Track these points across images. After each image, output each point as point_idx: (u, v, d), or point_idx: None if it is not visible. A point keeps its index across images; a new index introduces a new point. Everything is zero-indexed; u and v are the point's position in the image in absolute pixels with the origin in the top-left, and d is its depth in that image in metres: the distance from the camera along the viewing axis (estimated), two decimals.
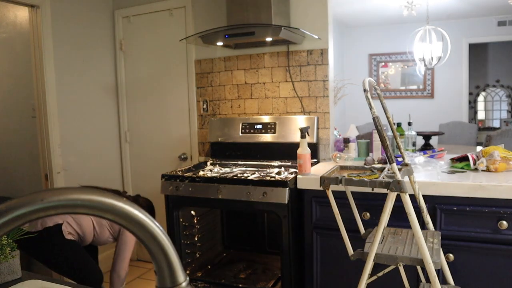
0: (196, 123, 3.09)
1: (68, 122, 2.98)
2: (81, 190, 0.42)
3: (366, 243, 1.57)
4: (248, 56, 2.87)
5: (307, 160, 2.17)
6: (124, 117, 3.40)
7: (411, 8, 4.74)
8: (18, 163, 3.32)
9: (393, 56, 6.48)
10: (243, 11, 2.51)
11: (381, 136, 1.44)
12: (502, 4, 4.97)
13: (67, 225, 2.19)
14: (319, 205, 2.13)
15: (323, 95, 2.66)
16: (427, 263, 1.39)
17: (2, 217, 0.38)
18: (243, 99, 2.92)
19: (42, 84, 2.82)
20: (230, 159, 2.83)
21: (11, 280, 1.22)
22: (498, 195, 1.74)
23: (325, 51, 2.64)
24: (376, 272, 1.66)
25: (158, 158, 3.27)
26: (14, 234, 1.31)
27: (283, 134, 2.67)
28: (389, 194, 1.47)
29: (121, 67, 3.36)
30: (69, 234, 2.18)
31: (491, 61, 7.42)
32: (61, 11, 2.91)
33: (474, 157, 2.07)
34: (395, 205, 1.65)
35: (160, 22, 3.17)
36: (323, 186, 1.59)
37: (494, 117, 7.55)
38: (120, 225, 0.44)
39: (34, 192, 0.40)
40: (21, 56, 3.14)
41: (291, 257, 2.16)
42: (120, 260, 2.34)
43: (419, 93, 6.42)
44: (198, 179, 2.33)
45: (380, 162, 2.30)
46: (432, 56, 4.76)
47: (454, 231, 1.85)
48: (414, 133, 2.58)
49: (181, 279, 0.46)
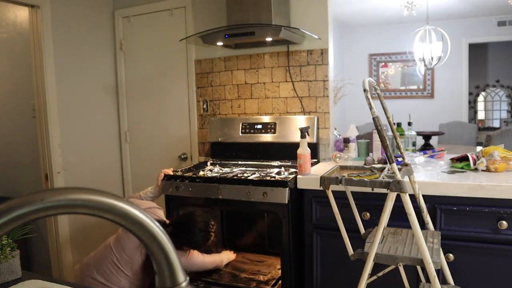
0: (196, 123, 3.09)
1: (68, 122, 2.98)
2: (81, 190, 0.42)
3: (366, 243, 1.57)
4: (248, 56, 2.87)
5: (307, 160, 2.17)
6: (124, 117, 3.40)
7: (411, 8, 4.74)
8: (18, 163, 3.32)
9: (393, 56, 6.48)
10: (243, 11, 2.51)
11: (381, 136, 1.44)
12: (502, 4, 4.97)
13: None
14: (319, 205, 2.13)
15: (323, 95, 2.66)
16: (427, 263, 1.39)
17: (2, 217, 0.38)
18: (243, 99, 2.92)
19: (42, 84, 2.82)
20: (230, 159, 2.83)
21: (11, 280, 1.22)
22: (498, 195, 1.74)
23: (325, 51, 2.64)
24: (376, 272, 1.66)
25: (158, 158, 3.26)
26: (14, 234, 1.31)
27: (283, 134, 2.67)
28: (389, 194, 1.47)
29: (121, 67, 3.36)
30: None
31: (491, 61, 7.42)
32: (61, 11, 2.91)
33: (474, 157, 2.07)
34: (395, 205, 1.65)
35: (160, 22, 3.17)
36: (323, 186, 1.59)
37: (494, 117, 7.55)
38: (120, 225, 0.44)
39: (34, 192, 0.40)
40: (21, 56, 3.14)
41: (291, 257, 2.16)
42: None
43: (419, 93, 6.42)
44: (198, 179, 2.33)
45: (380, 162, 2.30)
46: (432, 56, 4.76)
47: (454, 231, 1.85)
48: (414, 133, 2.58)
49: (181, 279, 0.46)
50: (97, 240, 2.95)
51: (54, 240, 2.95)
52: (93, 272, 2.02)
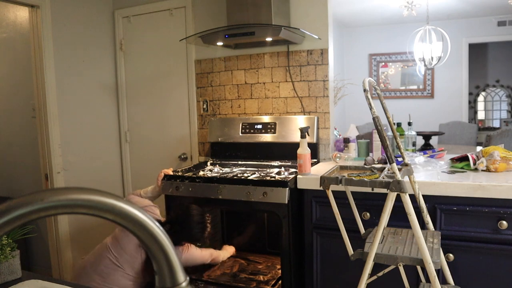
0: (196, 123, 3.09)
1: (68, 122, 2.98)
2: (81, 190, 0.42)
3: (366, 243, 1.57)
4: (248, 56, 2.87)
5: (307, 160, 2.17)
6: (124, 117, 3.40)
7: (411, 8, 4.74)
8: (18, 163, 3.31)
9: (393, 56, 6.48)
10: (243, 11, 2.51)
11: (381, 136, 1.44)
12: (502, 4, 4.97)
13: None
14: (319, 205, 2.13)
15: (323, 95, 2.66)
16: (427, 263, 1.39)
17: (2, 217, 0.38)
18: (243, 99, 2.92)
19: (42, 84, 2.82)
20: (230, 159, 2.83)
21: (11, 280, 1.22)
22: (498, 195, 1.74)
23: (325, 51, 2.64)
24: (376, 272, 1.66)
25: (158, 158, 3.26)
26: (14, 234, 1.31)
27: (283, 134, 2.67)
28: (389, 194, 1.47)
29: (121, 67, 3.36)
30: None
31: (491, 61, 7.42)
32: (61, 11, 2.91)
33: (474, 157, 2.07)
34: (395, 205, 1.65)
35: (160, 22, 3.17)
36: (323, 186, 1.59)
37: (494, 117, 7.56)
38: (120, 225, 0.44)
39: (34, 192, 0.40)
40: (21, 56, 3.14)
41: (291, 257, 2.16)
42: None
43: (419, 93, 6.42)
44: (198, 179, 2.33)
45: (380, 162, 2.30)
46: (432, 56, 4.76)
47: (454, 231, 1.85)
48: (414, 133, 2.58)
49: (181, 279, 0.46)
50: (97, 240, 2.95)
51: (54, 240, 2.95)
52: (90, 273, 2.02)
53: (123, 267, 2.00)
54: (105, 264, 2.01)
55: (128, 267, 2.01)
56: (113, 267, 2.00)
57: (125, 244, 2.03)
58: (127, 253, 2.01)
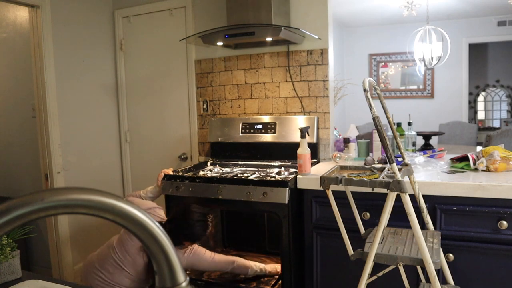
0: (196, 123, 3.09)
1: (68, 122, 2.98)
2: (81, 190, 0.42)
3: (366, 243, 1.57)
4: (248, 56, 2.87)
5: (307, 160, 2.16)
6: (124, 117, 3.40)
7: (411, 8, 4.74)
8: (18, 163, 3.31)
9: (393, 56, 6.48)
10: (243, 11, 2.51)
11: (381, 136, 1.44)
12: (502, 4, 4.97)
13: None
14: (319, 205, 2.13)
15: (323, 95, 2.66)
16: (427, 263, 1.39)
17: (2, 217, 0.38)
18: (243, 99, 2.92)
19: (42, 84, 2.82)
20: (230, 159, 2.83)
21: (11, 280, 1.22)
22: (498, 195, 1.74)
23: (325, 51, 2.64)
24: (376, 272, 1.66)
25: (158, 158, 3.26)
26: (14, 234, 1.31)
27: (283, 134, 2.67)
28: (389, 194, 1.47)
29: (121, 67, 3.36)
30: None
31: (491, 61, 7.42)
32: (61, 11, 2.91)
33: (474, 157, 2.07)
34: (395, 205, 1.65)
35: (160, 22, 3.17)
36: (323, 186, 1.59)
37: (494, 117, 7.56)
38: (120, 225, 0.44)
39: (34, 192, 0.40)
40: (21, 56, 3.14)
41: (291, 257, 2.16)
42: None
43: (419, 93, 6.42)
44: (198, 179, 2.33)
45: (380, 162, 2.30)
46: (432, 56, 4.76)
47: (454, 231, 1.85)
48: (414, 133, 2.58)
49: (181, 279, 0.46)
50: (97, 240, 2.95)
51: (54, 240, 2.95)
52: (97, 269, 2.06)
53: (127, 268, 2.03)
54: (110, 263, 2.05)
55: (132, 269, 2.04)
56: (117, 267, 2.03)
57: (129, 246, 2.05)
58: (130, 256, 2.04)
